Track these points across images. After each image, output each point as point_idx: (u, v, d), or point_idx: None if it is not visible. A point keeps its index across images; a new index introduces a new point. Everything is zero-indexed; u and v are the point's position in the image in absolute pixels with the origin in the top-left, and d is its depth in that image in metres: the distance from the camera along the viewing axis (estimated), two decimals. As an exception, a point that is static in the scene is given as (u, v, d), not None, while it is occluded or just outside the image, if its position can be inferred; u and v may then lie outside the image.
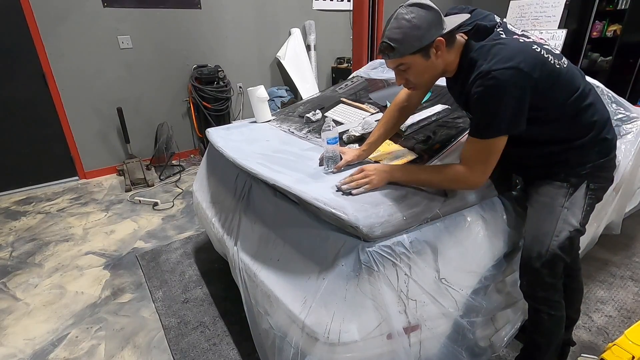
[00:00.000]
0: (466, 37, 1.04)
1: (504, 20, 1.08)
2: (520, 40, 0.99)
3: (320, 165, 1.33)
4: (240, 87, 4.18)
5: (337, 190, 1.12)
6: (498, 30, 1.02)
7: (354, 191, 1.10)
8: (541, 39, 1.06)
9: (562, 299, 1.20)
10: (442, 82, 1.26)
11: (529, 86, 0.94)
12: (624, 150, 1.59)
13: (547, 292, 1.16)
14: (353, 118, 1.74)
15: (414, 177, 1.13)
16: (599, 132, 1.09)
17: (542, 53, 0.98)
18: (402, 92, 1.32)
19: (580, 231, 1.12)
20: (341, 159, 1.30)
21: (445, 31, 0.97)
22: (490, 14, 1.06)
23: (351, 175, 1.14)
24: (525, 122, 0.99)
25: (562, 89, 1.02)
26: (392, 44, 0.97)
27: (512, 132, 0.99)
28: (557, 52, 1.04)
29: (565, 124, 1.07)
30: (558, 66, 1.01)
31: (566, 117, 1.06)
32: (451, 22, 1.00)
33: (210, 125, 3.27)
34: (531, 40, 1.01)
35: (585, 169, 1.11)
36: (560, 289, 1.18)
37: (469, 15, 1.05)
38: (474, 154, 1.04)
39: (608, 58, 4.29)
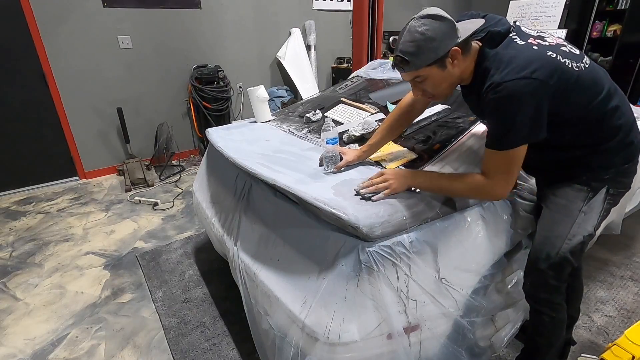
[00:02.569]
0: (480, 44, 1.01)
1: (517, 23, 1.03)
2: (534, 46, 0.95)
3: (320, 166, 1.33)
4: (240, 87, 4.18)
5: (355, 194, 1.10)
6: (512, 35, 0.98)
7: (373, 197, 1.07)
8: (559, 38, 1.02)
9: (564, 301, 1.18)
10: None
11: (545, 94, 0.91)
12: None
13: (550, 294, 1.15)
14: (353, 118, 1.74)
15: (436, 184, 1.10)
16: (626, 136, 1.04)
17: (557, 58, 0.94)
18: (408, 96, 1.29)
19: (592, 236, 1.10)
20: (341, 159, 1.30)
21: (460, 40, 0.94)
22: (503, 18, 1.02)
23: (370, 179, 1.11)
24: (544, 130, 0.95)
25: (584, 93, 0.98)
26: (406, 58, 0.96)
27: (530, 141, 0.96)
28: (577, 52, 1.00)
29: (590, 128, 1.02)
30: (577, 69, 0.96)
31: (591, 121, 1.01)
32: (465, 28, 0.97)
33: (210, 125, 3.27)
34: (547, 44, 0.97)
35: (609, 173, 1.06)
36: (563, 292, 1.17)
37: (483, 21, 1.01)
38: (494, 165, 1.01)
39: (608, 58, 4.29)
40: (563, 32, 2.92)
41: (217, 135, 1.79)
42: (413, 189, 1.13)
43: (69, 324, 1.77)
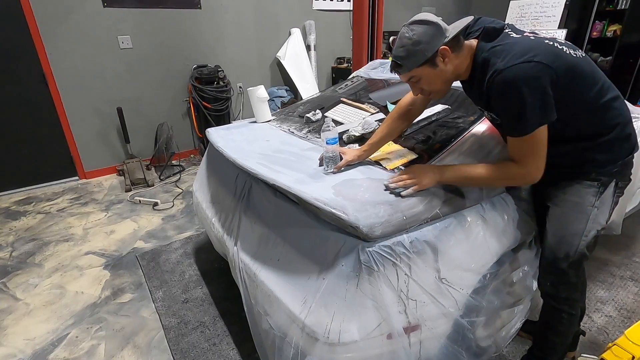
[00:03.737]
0: (477, 41, 1.05)
1: (510, 23, 1.08)
2: (531, 37, 1.00)
3: (320, 166, 1.33)
4: (240, 87, 4.18)
5: (385, 190, 1.12)
6: (507, 30, 1.03)
7: (403, 192, 1.08)
8: (552, 36, 1.07)
9: (579, 298, 1.20)
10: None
11: (549, 77, 0.93)
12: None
13: (570, 292, 1.16)
14: (353, 118, 1.74)
15: (465, 177, 1.11)
16: (624, 128, 1.08)
17: (555, 45, 0.98)
18: (407, 96, 1.31)
19: (605, 228, 1.12)
20: (341, 159, 1.30)
21: (447, 39, 1.00)
22: (496, 20, 1.07)
23: (399, 175, 1.13)
24: (554, 112, 0.97)
25: (584, 80, 1.01)
26: (398, 62, 1.04)
27: (545, 122, 0.98)
28: (571, 44, 1.04)
29: (592, 119, 1.05)
30: (575, 56, 1.00)
31: (592, 110, 1.04)
32: (455, 27, 1.02)
33: (210, 125, 3.27)
34: (541, 36, 1.02)
35: (617, 166, 1.09)
36: (579, 288, 1.19)
37: (472, 17, 1.06)
38: (520, 151, 1.03)
39: (608, 58, 4.28)
40: (563, 32, 2.91)
41: (217, 135, 1.79)
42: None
43: (69, 324, 1.77)
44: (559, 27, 3.03)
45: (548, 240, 1.16)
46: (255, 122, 2.03)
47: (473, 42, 1.05)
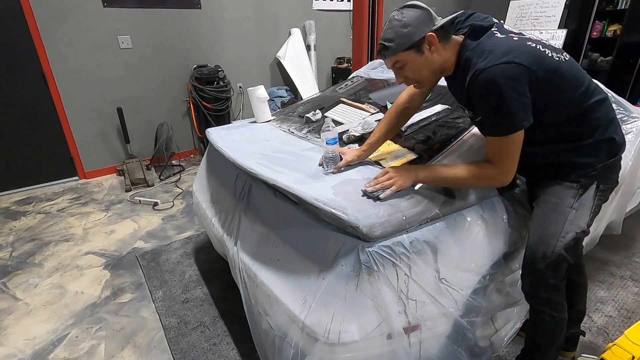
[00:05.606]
0: (463, 37, 1.06)
1: (501, 21, 1.09)
2: (514, 37, 1.00)
3: (320, 166, 1.33)
4: (240, 87, 4.18)
5: (362, 195, 1.11)
6: (493, 30, 1.03)
7: (381, 195, 1.08)
8: (538, 38, 1.07)
9: (564, 300, 1.19)
10: (442, 82, 1.26)
11: (527, 78, 0.94)
12: (624, 150, 1.59)
13: (550, 293, 1.15)
14: (353, 118, 1.74)
15: (440, 177, 1.11)
16: (604, 131, 1.07)
17: (537, 47, 0.98)
18: (404, 94, 1.32)
19: (586, 232, 1.11)
20: (341, 159, 1.30)
21: (435, 27, 1.00)
22: (489, 17, 1.07)
23: (376, 178, 1.13)
24: (531, 115, 0.98)
25: (567, 83, 1.02)
26: (386, 44, 1.03)
27: (525, 124, 0.98)
28: (556, 47, 1.04)
29: (574, 121, 1.05)
30: (557, 58, 1.00)
31: (574, 113, 1.05)
32: (445, 19, 1.03)
33: (210, 125, 3.27)
34: (526, 37, 1.02)
35: (596, 169, 1.09)
36: (562, 291, 1.17)
37: (462, 11, 1.08)
38: (497, 151, 1.04)
39: (608, 58, 4.29)
40: (563, 32, 2.91)
41: (217, 135, 1.79)
42: (418, 184, 1.13)
43: (69, 324, 1.77)
44: (559, 27, 3.03)
45: (529, 240, 1.16)
46: (255, 122, 2.03)
47: (460, 38, 1.06)
